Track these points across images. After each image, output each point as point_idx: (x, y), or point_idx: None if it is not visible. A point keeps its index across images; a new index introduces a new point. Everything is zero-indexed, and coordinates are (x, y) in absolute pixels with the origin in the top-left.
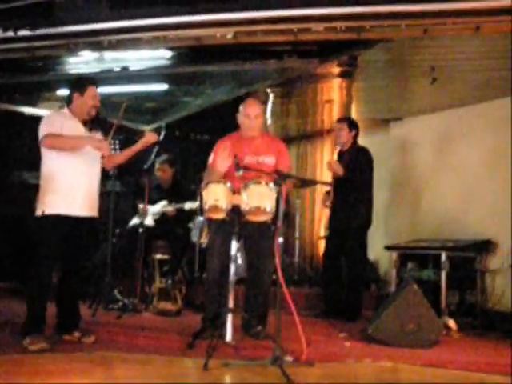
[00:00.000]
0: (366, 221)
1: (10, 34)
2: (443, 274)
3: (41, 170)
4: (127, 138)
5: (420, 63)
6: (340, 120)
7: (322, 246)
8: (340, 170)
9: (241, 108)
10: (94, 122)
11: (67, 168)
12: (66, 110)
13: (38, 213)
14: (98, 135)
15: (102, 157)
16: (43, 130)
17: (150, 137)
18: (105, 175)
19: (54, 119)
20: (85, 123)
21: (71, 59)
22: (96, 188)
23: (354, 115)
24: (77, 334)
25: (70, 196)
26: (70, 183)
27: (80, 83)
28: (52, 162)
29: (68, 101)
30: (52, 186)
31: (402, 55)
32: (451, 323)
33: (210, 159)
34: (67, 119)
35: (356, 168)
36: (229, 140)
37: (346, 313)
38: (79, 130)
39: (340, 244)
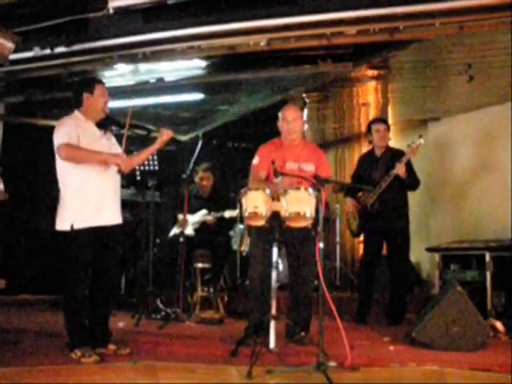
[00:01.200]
0: (408, 221)
1: (47, 51)
2: (488, 275)
3: (61, 181)
4: (138, 136)
5: (455, 61)
6: (381, 120)
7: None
8: (404, 173)
9: (280, 114)
10: (106, 123)
11: (93, 177)
12: (77, 114)
13: (66, 227)
14: (113, 139)
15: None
16: (58, 137)
17: (167, 134)
18: (144, 186)
19: (69, 126)
20: (98, 125)
21: (107, 73)
22: (119, 193)
23: (390, 117)
24: (111, 347)
25: (99, 206)
26: (98, 193)
27: (87, 83)
28: (75, 172)
29: (77, 103)
30: (79, 197)
31: (436, 54)
32: (498, 325)
33: (255, 162)
34: (82, 123)
35: (407, 170)
36: (270, 145)
37: (390, 316)
38: (95, 134)
39: (380, 246)
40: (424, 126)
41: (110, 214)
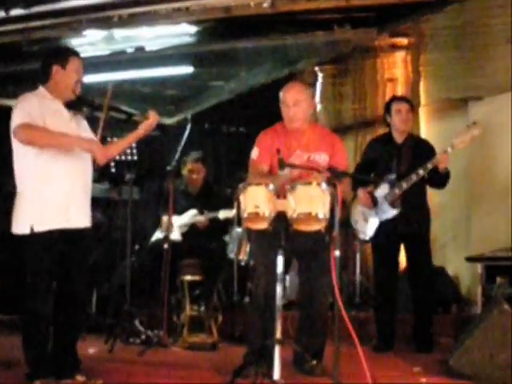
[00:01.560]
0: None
1: (1, 13)
2: None
3: (18, 174)
4: (119, 121)
5: (502, 27)
6: (404, 99)
7: None
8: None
9: (280, 95)
10: (76, 104)
11: (58, 169)
12: (43, 90)
13: (24, 230)
14: (84, 123)
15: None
16: (17, 117)
17: (154, 118)
18: (120, 180)
19: (32, 104)
20: (67, 105)
21: (74, 41)
22: (90, 190)
23: (422, 95)
24: (80, 378)
25: (65, 205)
26: (64, 188)
27: (59, 53)
28: (36, 162)
29: (44, 77)
30: (41, 194)
31: (479, 18)
32: None
33: (254, 154)
34: (47, 101)
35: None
36: (272, 132)
37: (418, 341)
38: (64, 116)
39: (398, 255)
40: (464, 107)
41: (78, 215)
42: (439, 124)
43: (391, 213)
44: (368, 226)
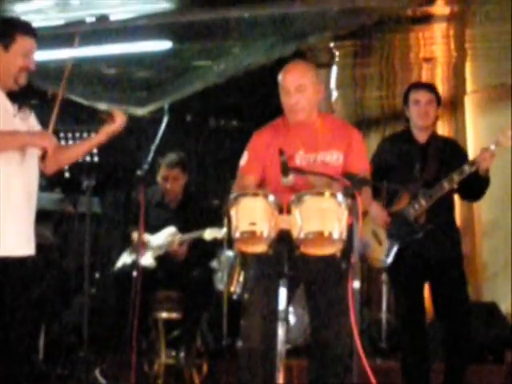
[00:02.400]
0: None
1: None
2: None
3: None
4: (79, 118)
5: None
6: (424, 86)
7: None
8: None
9: (278, 78)
10: (23, 95)
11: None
12: None
13: None
14: (32, 119)
15: (43, 156)
16: None
17: (120, 119)
18: (76, 188)
19: None
20: (11, 96)
21: (17, 7)
22: (34, 208)
23: (469, 80)
24: None
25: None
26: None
27: (3, 30)
28: None
29: None
30: None
31: None
32: None
33: (242, 161)
34: None
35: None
36: (269, 131)
37: None
38: (7, 109)
39: (423, 288)
40: None
41: (18, 240)
42: (490, 117)
43: (416, 233)
44: (384, 251)
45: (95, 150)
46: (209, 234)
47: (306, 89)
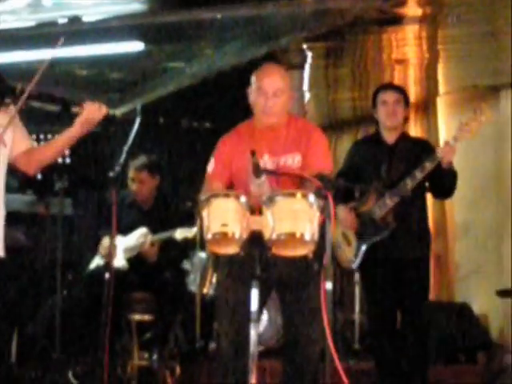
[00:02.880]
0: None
1: None
2: None
3: None
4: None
5: None
6: (392, 87)
7: None
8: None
9: (252, 79)
10: None
11: None
12: None
13: None
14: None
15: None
16: None
17: (92, 110)
18: (48, 189)
19: None
20: None
21: None
22: (3, 209)
23: (441, 82)
24: None
25: None
26: None
27: None
28: None
29: None
30: None
31: None
32: None
33: (209, 167)
34: None
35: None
36: (233, 137)
37: None
38: None
39: (392, 287)
40: (494, 96)
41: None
42: (462, 118)
43: (382, 232)
44: (353, 252)
45: (66, 152)
46: (179, 233)
47: (283, 94)
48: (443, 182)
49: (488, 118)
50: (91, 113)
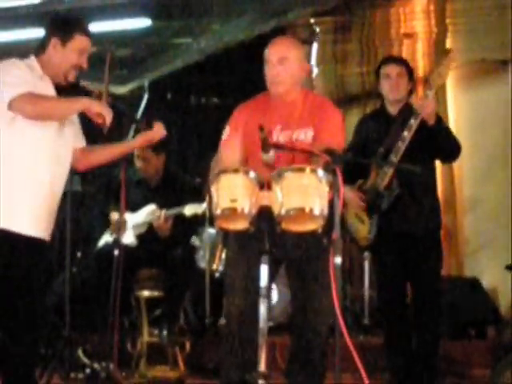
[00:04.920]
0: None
1: None
2: None
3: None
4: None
5: None
6: (394, 60)
7: None
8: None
9: (265, 52)
10: (69, 92)
11: (42, 160)
12: (34, 62)
13: None
14: (74, 117)
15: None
16: (12, 86)
17: (158, 131)
18: None
19: (25, 72)
20: (57, 89)
21: None
22: (60, 194)
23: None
24: None
25: (39, 210)
26: (43, 190)
27: (64, 25)
28: (23, 150)
29: (40, 47)
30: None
31: None
32: None
33: (224, 135)
34: (38, 78)
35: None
36: (251, 106)
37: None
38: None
39: (401, 260)
40: (503, 70)
41: (47, 225)
42: (471, 93)
43: (388, 199)
44: (367, 229)
45: None
46: (188, 209)
47: (289, 62)
48: (438, 140)
49: (453, 60)
50: (158, 133)
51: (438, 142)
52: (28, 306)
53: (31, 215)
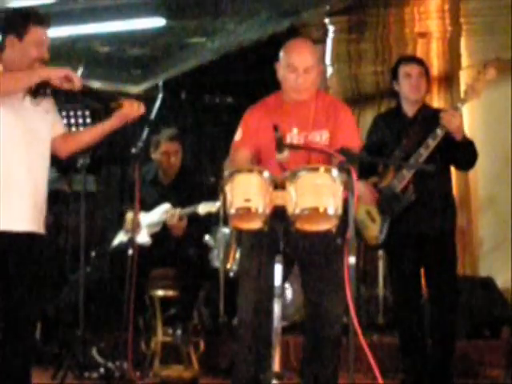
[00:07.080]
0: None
1: None
2: None
3: None
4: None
5: None
6: (414, 60)
7: None
8: (460, 129)
9: (281, 54)
10: (40, 86)
11: (14, 149)
12: None
13: None
14: (49, 106)
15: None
16: None
17: (131, 107)
18: (71, 167)
19: None
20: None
21: None
22: (44, 186)
23: (464, 55)
24: None
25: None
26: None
27: (17, 21)
28: None
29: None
30: None
31: None
32: None
33: (237, 136)
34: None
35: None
36: (261, 108)
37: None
38: (17, 96)
39: (416, 261)
40: None
41: (23, 215)
42: (485, 91)
43: (402, 204)
44: (378, 229)
45: None
46: (202, 208)
47: (313, 70)
48: (459, 152)
49: (492, 76)
50: (129, 110)
51: (460, 154)
52: (21, 302)
53: (11, 211)
